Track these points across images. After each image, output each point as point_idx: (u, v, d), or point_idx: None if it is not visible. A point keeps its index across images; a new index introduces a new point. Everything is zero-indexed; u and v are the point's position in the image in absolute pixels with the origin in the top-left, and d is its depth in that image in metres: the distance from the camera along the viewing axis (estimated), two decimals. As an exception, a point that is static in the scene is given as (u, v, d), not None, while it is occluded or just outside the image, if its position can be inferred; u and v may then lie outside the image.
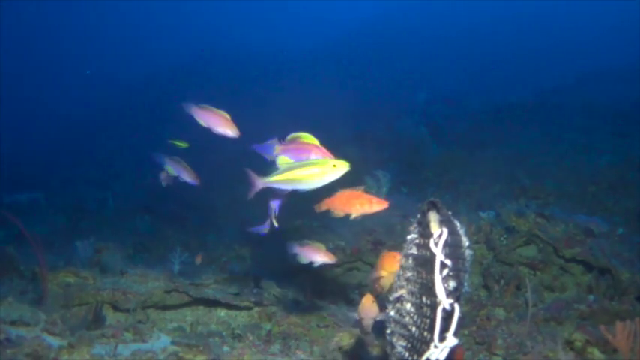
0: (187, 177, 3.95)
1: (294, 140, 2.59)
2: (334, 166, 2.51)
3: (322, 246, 3.40)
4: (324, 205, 2.88)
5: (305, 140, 2.59)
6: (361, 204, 2.69)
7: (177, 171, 3.86)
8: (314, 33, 25.59)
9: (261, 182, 2.68)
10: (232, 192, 9.76)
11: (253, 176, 2.69)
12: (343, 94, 14.90)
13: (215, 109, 3.06)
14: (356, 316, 2.92)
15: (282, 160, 2.57)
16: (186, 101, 3.09)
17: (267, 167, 2.72)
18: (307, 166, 2.53)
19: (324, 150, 2.56)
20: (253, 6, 34.02)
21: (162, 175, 4.17)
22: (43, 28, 34.99)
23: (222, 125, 3.03)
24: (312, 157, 2.56)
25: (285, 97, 16.32)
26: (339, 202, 2.79)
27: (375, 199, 2.68)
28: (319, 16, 32.54)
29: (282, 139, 2.62)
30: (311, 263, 3.33)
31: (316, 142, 2.60)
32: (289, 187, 2.68)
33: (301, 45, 22.52)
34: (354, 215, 2.74)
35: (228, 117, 3.05)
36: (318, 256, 3.34)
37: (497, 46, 18.45)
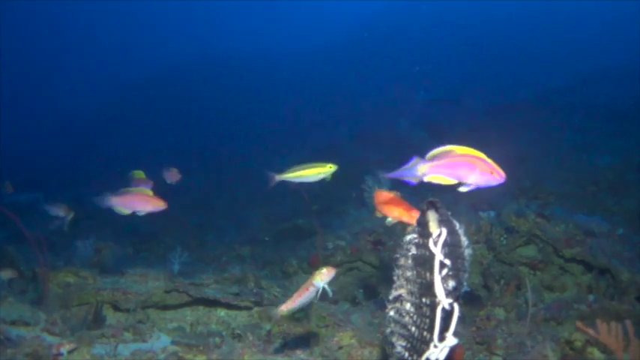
0: None
1: (445, 154, 2.18)
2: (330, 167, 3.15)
3: (148, 191, 3.34)
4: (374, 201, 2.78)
5: (461, 152, 2.13)
6: (400, 212, 2.57)
7: None
8: (314, 34, 25.60)
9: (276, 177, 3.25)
10: (232, 192, 9.77)
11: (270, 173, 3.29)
12: (344, 95, 14.92)
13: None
14: (313, 282, 2.92)
15: (435, 178, 2.19)
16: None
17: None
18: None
19: (491, 163, 2.09)
20: (253, 7, 34.02)
21: (168, 174, 4.23)
22: (43, 28, 34.99)
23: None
24: (477, 172, 2.10)
25: (284, 98, 16.35)
26: (378, 201, 2.70)
27: (415, 212, 2.49)
28: (319, 16, 32.55)
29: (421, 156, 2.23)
30: (134, 213, 3.31)
31: (479, 153, 2.11)
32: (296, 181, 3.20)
33: (301, 46, 22.52)
34: (389, 220, 2.66)
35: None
36: (142, 204, 3.25)
37: (497, 46, 18.45)
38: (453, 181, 2.18)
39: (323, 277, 2.92)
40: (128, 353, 3.28)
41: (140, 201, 3.33)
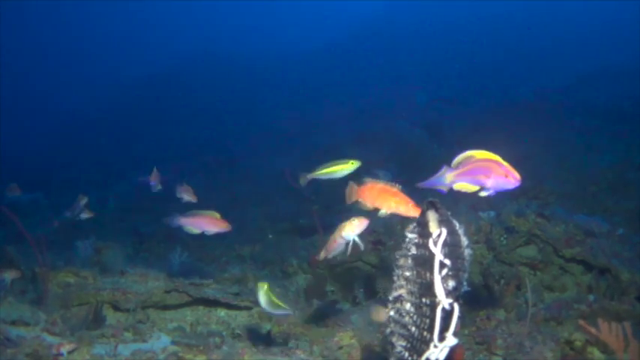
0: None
1: (466, 160, 2.24)
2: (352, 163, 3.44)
3: (215, 214, 3.54)
4: (355, 195, 2.62)
5: (481, 157, 2.22)
6: (397, 203, 2.43)
7: None
8: (314, 34, 25.60)
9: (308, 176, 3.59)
10: (232, 192, 9.76)
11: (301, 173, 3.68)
12: (344, 95, 14.91)
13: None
14: (342, 234, 2.64)
15: (461, 186, 2.27)
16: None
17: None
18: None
19: (507, 166, 2.18)
20: (254, 7, 34.04)
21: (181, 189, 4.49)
22: (44, 28, 34.99)
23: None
24: (493, 176, 2.19)
25: (284, 97, 16.34)
26: (370, 193, 2.55)
27: (412, 203, 2.39)
28: (319, 16, 32.55)
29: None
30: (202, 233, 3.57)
31: (495, 157, 2.20)
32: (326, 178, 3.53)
33: (301, 46, 22.52)
34: (383, 212, 2.50)
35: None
36: (210, 225, 3.51)
37: (497, 46, 18.45)
38: (476, 188, 2.28)
39: (354, 229, 2.61)
40: (128, 353, 3.28)
41: (208, 223, 3.63)
